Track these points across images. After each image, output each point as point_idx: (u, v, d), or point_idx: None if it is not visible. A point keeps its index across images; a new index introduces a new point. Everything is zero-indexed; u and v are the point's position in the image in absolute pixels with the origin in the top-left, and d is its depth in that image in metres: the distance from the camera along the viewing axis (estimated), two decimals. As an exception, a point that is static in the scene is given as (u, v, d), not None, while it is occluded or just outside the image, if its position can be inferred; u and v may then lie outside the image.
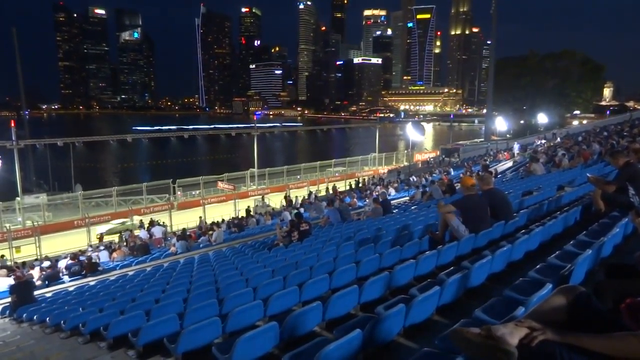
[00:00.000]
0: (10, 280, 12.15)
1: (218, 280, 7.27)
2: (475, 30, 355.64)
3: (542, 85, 67.42)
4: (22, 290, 9.87)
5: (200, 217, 25.40)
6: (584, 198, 8.00)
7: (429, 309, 3.73)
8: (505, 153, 32.77)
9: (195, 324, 4.17)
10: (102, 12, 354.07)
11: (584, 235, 4.73)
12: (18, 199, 31.21)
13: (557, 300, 1.99)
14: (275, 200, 31.94)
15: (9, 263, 19.44)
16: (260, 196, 34.47)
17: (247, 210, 26.44)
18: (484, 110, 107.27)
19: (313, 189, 36.21)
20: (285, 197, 28.37)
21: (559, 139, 32.07)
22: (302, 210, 20.62)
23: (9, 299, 10.26)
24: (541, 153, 23.51)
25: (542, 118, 57.84)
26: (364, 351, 3.06)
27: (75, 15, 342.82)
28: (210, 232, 17.78)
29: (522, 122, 71.72)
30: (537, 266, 3.93)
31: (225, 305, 5.09)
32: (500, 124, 59.37)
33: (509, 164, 27.66)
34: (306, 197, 28.04)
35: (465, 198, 6.28)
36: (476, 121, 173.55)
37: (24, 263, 19.48)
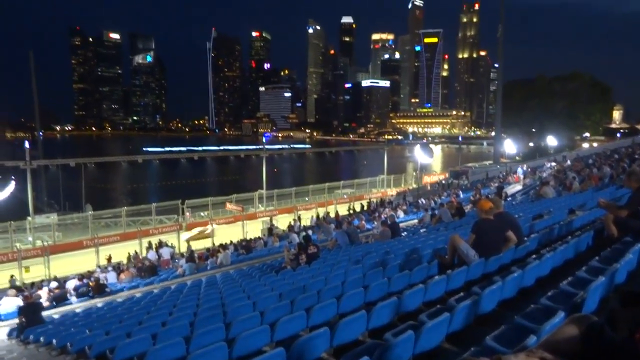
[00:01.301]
0: (19, 301, 12.18)
1: (225, 303, 7.23)
2: (482, 53, 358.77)
3: (550, 108, 67.42)
4: (30, 311, 9.88)
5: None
6: (596, 222, 7.88)
7: (438, 336, 3.67)
8: (515, 175, 32.58)
9: (202, 349, 4.12)
10: (117, 36, 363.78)
11: (596, 261, 4.65)
12: (29, 218, 31.52)
13: (569, 329, 1.95)
14: (284, 222, 31.90)
15: (18, 283, 19.50)
16: (269, 218, 34.46)
17: (270, 229, 26.70)
18: (493, 133, 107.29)
19: (321, 210, 36.19)
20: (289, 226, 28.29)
21: (569, 162, 31.86)
22: (310, 232, 20.56)
23: (17, 320, 10.25)
24: (551, 176, 23.35)
25: (551, 140, 57.64)
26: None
27: (90, 39, 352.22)
28: (218, 254, 17.75)
29: (531, 144, 71.56)
30: (549, 293, 3.86)
31: (232, 330, 5.05)
32: (509, 146, 59.24)
33: (519, 186, 27.47)
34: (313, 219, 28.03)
35: (480, 221, 6.24)
36: (485, 143, 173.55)
37: (32, 283, 19.56)
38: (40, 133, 57.50)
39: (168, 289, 11.24)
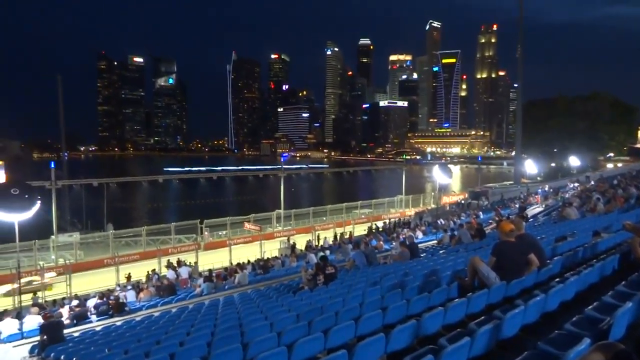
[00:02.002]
0: (41, 319, 12.36)
1: (242, 323, 7.21)
2: (501, 73, 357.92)
3: (572, 128, 66.40)
4: (52, 329, 10.00)
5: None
6: (622, 245, 7.67)
7: (459, 361, 3.59)
8: (536, 196, 31.98)
9: (219, 370, 4.12)
10: (140, 60, 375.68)
11: (623, 285, 4.51)
12: (53, 237, 32.21)
13: (595, 357, 1.90)
14: (301, 242, 31.83)
15: (40, 301, 19.82)
16: (286, 237, 34.45)
17: (293, 247, 26.88)
18: (513, 153, 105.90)
19: (339, 230, 36.02)
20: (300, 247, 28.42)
21: (592, 182, 31.16)
22: (327, 252, 20.44)
23: (39, 338, 10.39)
24: (574, 197, 22.84)
25: (574, 161, 56.54)
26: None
27: (115, 63, 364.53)
28: (236, 274, 17.76)
29: (553, 164, 70.30)
30: (574, 318, 3.76)
31: (249, 350, 5.02)
32: (530, 166, 58.32)
33: (540, 207, 26.93)
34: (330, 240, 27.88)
35: (501, 243, 6.13)
36: (505, 163, 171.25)
37: (54, 301, 19.85)
38: (66, 154, 59.10)
39: (186, 308, 11.27)
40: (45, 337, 9.86)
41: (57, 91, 49.71)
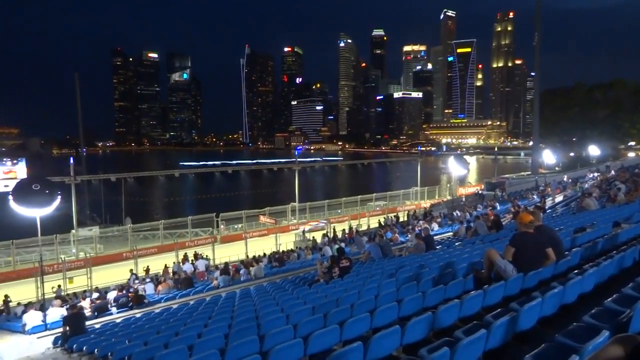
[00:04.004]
0: (64, 311, 12.68)
1: (259, 315, 7.29)
2: (518, 62, 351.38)
3: (591, 116, 64.91)
4: (74, 321, 10.25)
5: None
6: (643, 236, 7.51)
7: (475, 353, 3.57)
8: (547, 188, 31.44)
9: (236, 361, 4.18)
10: (155, 55, 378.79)
11: (643, 277, 4.42)
12: (73, 231, 32.92)
13: (614, 350, 1.87)
14: (317, 235, 31.93)
15: (63, 293, 20.29)
16: (301, 230, 34.60)
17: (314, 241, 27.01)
18: (530, 143, 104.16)
19: (354, 223, 36.02)
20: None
21: (613, 172, 30.50)
22: (343, 245, 20.46)
23: (62, 329, 10.66)
24: (594, 187, 22.41)
25: (593, 150, 55.36)
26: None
27: (130, 59, 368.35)
28: (251, 267, 17.93)
29: (571, 154, 68.96)
30: (593, 311, 3.70)
31: (265, 342, 5.08)
32: (548, 156, 57.30)
33: (559, 198, 26.48)
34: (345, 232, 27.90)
35: (520, 234, 6.08)
36: (522, 154, 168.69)
37: (75, 294, 20.32)
38: (84, 150, 60.20)
39: (203, 300, 11.43)
40: (67, 328, 10.12)
41: (75, 88, 50.52)
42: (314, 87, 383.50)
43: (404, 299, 5.63)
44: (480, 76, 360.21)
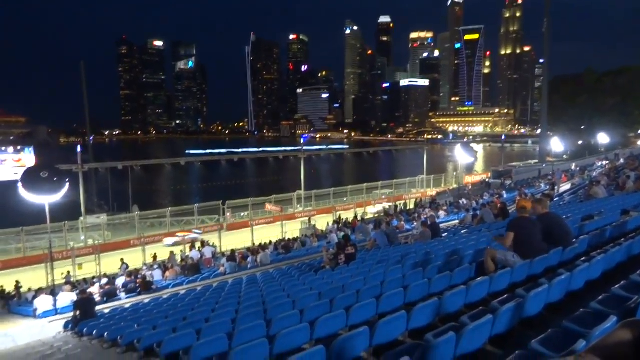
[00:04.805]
0: (74, 296, 12.87)
1: (265, 301, 7.35)
2: (526, 49, 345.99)
3: (601, 104, 64.12)
4: (84, 306, 10.41)
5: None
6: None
7: (481, 338, 3.59)
8: (562, 175, 31.23)
9: (244, 345, 4.22)
10: (160, 43, 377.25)
11: (652, 264, 4.40)
12: (81, 218, 33.24)
13: (621, 334, 1.86)
14: (322, 222, 32.03)
15: (72, 279, 20.59)
16: (307, 218, 34.70)
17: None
18: (538, 131, 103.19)
19: (360, 211, 36.07)
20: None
21: (622, 160, 30.21)
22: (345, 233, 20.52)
23: (72, 314, 10.84)
24: (602, 175, 22.21)
25: (602, 138, 54.77)
26: (413, 380, 2.98)
27: (135, 47, 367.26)
28: (258, 254, 18.04)
29: (580, 142, 68.34)
30: (600, 297, 3.69)
31: (272, 327, 5.13)
32: (556, 144, 56.80)
33: (567, 186, 26.31)
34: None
35: (516, 220, 6.17)
36: (530, 142, 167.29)
37: (85, 280, 20.61)
38: (91, 138, 60.49)
39: (210, 286, 11.54)
40: (78, 313, 10.28)
41: (81, 77, 50.58)
42: (319, 74, 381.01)
43: (410, 285, 5.65)
44: (487, 63, 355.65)
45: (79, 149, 37.40)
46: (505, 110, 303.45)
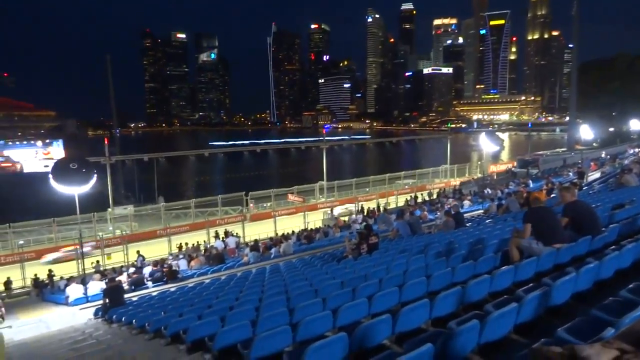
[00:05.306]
0: (103, 285, 13.29)
1: (288, 290, 7.42)
2: (555, 33, 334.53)
3: (634, 89, 61.68)
4: (114, 293, 10.74)
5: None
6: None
7: (505, 326, 3.54)
8: (591, 164, 30.29)
9: (267, 332, 4.29)
10: (183, 36, 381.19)
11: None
12: (109, 209, 34.14)
13: (652, 321, 1.81)
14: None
15: (102, 269, 21.24)
16: (329, 208, 34.75)
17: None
18: (566, 118, 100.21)
19: (382, 201, 35.89)
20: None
21: (655, 147, 29.08)
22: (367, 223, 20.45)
23: (101, 301, 11.20)
24: (634, 163, 21.45)
25: (635, 124, 52.75)
26: (436, 367, 2.96)
27: (159, 40, 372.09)
28: (281, 244, 18.20)
29: (611, 129, 66.05)
30: (630, 285, 3.59)
31: (295, 315, 5.18)
32: (586, 132, 55.06)
33: (597, 175, 25.53)
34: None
35: (531, 210, 6.08)
36: (558, 129, 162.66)
37: (114, 269, 21.22)
38: (117, 130, 61.87)
39: (234, 276, 11.72)
40: (107, 300, 10.61)
41: (107, 70, 51.62)
42: (341, 64, 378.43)
43: (433, 274, 5.61)
44: (514, 49, 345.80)
45: (106, 141, 38.34)
46: (532, 98, 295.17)
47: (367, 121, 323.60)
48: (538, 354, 1.79)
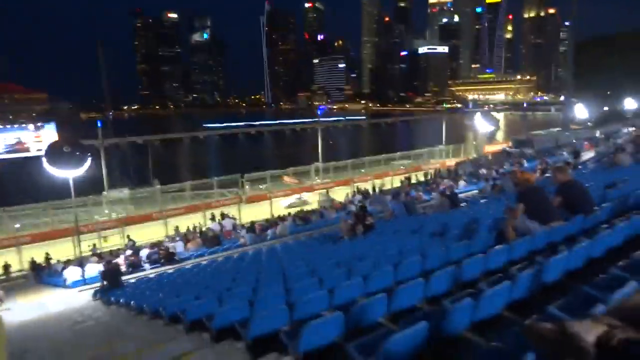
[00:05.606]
0: (100, 267, 13.36)
1: (285, 270, 7.50)
2: (551, 11, 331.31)
3: (632, 67, 61.46)
4: (111, 276, 10.82)
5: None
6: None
7: (498, 304, 3.61)
8: (585, 143, 30.42)
9: (264, 311, 4.35)
10: (175, 15, 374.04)
11: (676, 230, 4.31)
12: (104, 192, 34.03)
13: (641, 298, 1.85)
14: (340, 194, 32.13)
15: (98, 251, 21.31)
16: (325, 190, 34.81)
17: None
18: (562, 98, 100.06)
19: (378, 182, 35.98)
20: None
21: (649, 126, 29.19)
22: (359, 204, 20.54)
23: (99, 284, 11.29)
24: (628, 142, 21.56)
25: (630, 104, 52.79)
26: (430, 345, 3.03)
27: (150, 20, 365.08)
28: (277, 225, 18.29)
29: (605, 108, 66.11)
30: (620, 263, 3.65)
31: (292, 295, 5.25)
32: (581, 111, 55.06)
33: (591, 154, 25.66)
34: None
35: (523, 190, 6.11)
36: (553, 109, 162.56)
37: (110, 252, 21.30)
38: (110, 113, 61.30)
39: (231, 257, 11.82)
40: (105, 282, 10.69)
41: (98, 55, 50.77)
42: (335, 44, 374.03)
43: (428, 253, 5.68)
44: (510, 28, 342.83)
45: (99, 124, 37.96)
46: (528, 77, 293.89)
47: (363, 102, 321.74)
48: (530, 330, 1.83)
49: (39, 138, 38.32)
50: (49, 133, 39.20)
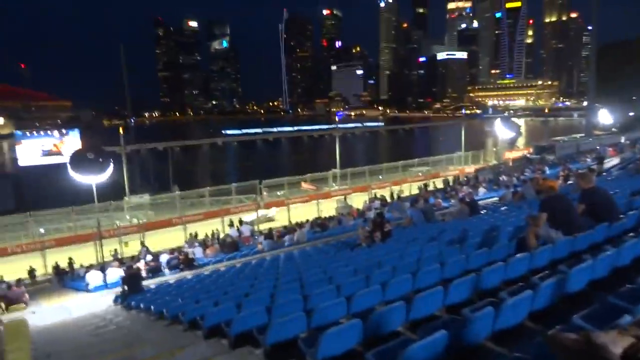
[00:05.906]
0: (122, 272, 13.58)
1: (303, 277, 7.49)
2: (573, 15, 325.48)
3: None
4: (132, 281, 10.98)
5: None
6: None
7: (520, 313, 3.54)
8: (610, 150, 29.69)
9: (282, 318, 4.35)
10: (195, 24, 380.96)
11: None
12: (126, 198, 34.64)
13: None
14: (358, 201, 32.01)
15: (119, 257, 21.66)
16: (343, 196, 34.75)
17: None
18: (584, 103, 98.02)
19: (396, 189, 35.75)
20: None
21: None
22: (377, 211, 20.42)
23: (120, 288, 11.46)
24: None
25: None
26: (450, 354, 2.99)
27: (171, 29, 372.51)
28: (295, 232, 18.32)
29: (631, 114, 64.46)
30: (648, 273, 3.55)
31: (309, 302, 5.25)
32: (605, 116, 53.79)
33: (615, 160, 25.03)
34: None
35: (546, 199, 5.99)
36: (575, 114, 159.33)
37: (132, 257, 21.63)
38: (132, 120, 62.49)
39: (249, 263, 11.88)
40: (126, 287, 10.86)
41: (121, 61, 51.92)
42: (353, 50, 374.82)
43: (447, 261, 5.61)
44: (530, 32, 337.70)
45: (121, 131, 38.74)
46: (549, 82, 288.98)
47: (380, 108, 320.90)
48: (553, 341, 1.80)
49: (62, 144, 39.33)
50: (73, 140, 40.13)
